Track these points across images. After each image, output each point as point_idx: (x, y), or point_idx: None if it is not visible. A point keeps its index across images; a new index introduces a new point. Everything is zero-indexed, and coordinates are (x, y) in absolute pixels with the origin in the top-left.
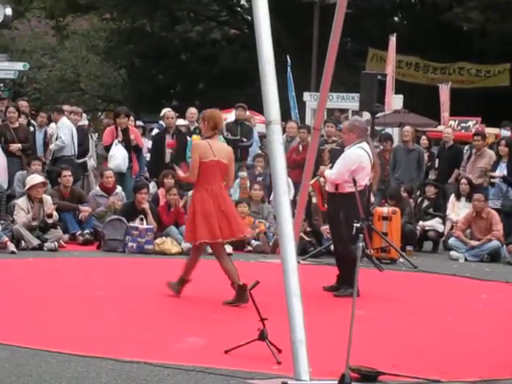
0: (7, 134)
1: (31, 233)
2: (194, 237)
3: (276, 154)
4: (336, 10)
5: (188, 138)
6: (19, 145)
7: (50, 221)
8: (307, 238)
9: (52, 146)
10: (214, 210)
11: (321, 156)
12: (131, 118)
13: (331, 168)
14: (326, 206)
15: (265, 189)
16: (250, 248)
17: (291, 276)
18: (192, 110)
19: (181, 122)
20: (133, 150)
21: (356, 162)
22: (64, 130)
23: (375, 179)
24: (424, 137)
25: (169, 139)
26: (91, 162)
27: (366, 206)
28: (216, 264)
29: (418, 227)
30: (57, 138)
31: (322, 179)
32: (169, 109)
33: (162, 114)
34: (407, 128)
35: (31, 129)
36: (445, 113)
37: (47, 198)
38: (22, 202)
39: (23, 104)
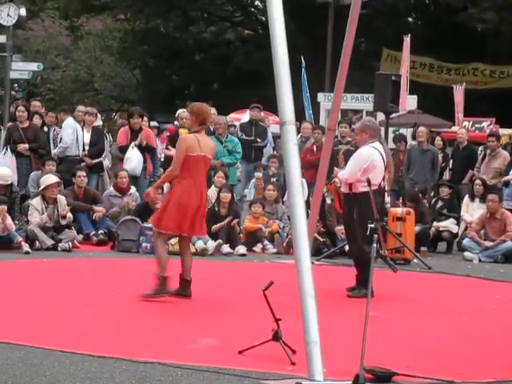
0: (15, 134)
1: (45, 233)
2: (161, 224)
3: (290, 155)
4: (350, 11)
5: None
6: (26, 145)
7: (63, 222)
8: (321, 239)
9: (55, 151)
10: (191, 203)
11: (335, 157)
12: (145, 118)
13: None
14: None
15: (279, 189)
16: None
17: (305, 276)
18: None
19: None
20: (146, 150)
21: (367, 160)
22: (67, 131)
23: (389, 179)
24: (438, 137)
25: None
26: (106, 162)
27: (381, 206)
28: (229, 265)
29: (433, 228)
30: (60, 140)
31: (337, 181)
32: (183, 109)
33: (176, 114)
34: (422, 129)
35: (45, 129)
36: (459, 113)
37: (61, 199)
38: (36, 203)
39: (36, 104)
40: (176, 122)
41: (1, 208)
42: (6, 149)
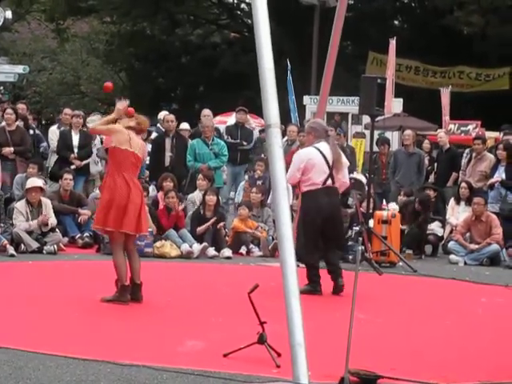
0: (1, 137)
1: (30, 236)
2: (98, 222)
3: (275, 158)
4: (336, 14)
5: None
6: (11, 148)
7: (45, 229)
8: None
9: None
10: (116, 198)
11: None
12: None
13: None
14: None
15: (264, 192)
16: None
17: (290, 277)
18: (206, 112)
19: (184, 126)
20: None
21: (304, 160)
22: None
23: (339, 178)
24: (427, 141)
25: (168, 143)
26: (98, 166)
27: (331, 207)
28: (214, 268)
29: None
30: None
31: None
32: (166, 112)
33: (159, 116)
34: (408, 132)
35: (30, 132)
36: (446, 116)
37: (47, 202)
38: (20, 206)
39: (20, 107)
40: (159, 125)
41: None
42: None
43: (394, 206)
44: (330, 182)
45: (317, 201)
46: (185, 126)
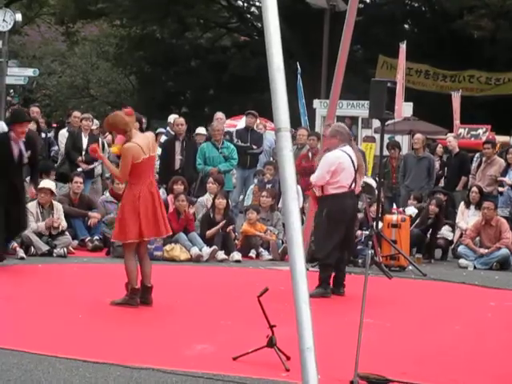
0: None
1: (40, 239)
2: (123, 236)
3: (285, 161)
4: (346, 17)
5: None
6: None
7: (55, 232)
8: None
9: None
10: (143, 207)
11: None
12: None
13: None
14: None
15: (275, 196)
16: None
17: (300, 283)
18: (219, 115)
19: (200, 130)
20: None
21: (335, 163)
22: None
23: (359, 182)
24: (440, 145)
25: (178, 146)
26: (98, 169)
27: (353, 210)
28: (224, 271)
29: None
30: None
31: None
32: (176, 116)
33: (169, 120)
34: (418, 136)
35: (42, 135)
36: (456, 120)
37: (58, 206)
38: (31, 206)
39: (34, 110)
40: (168, 128)
41: None
42: None
43: (412, 211)
44: (353, 185)
45: (343, 204)
46: (201, 130)
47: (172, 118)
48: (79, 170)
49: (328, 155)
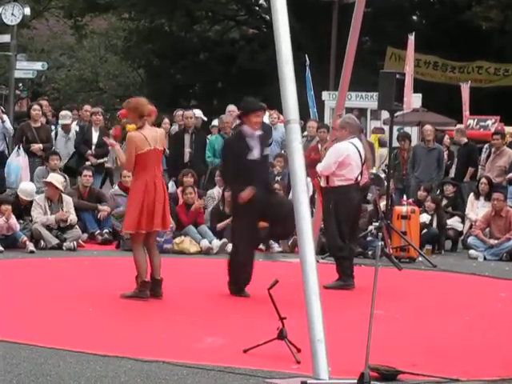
0: (28, 134)
1: (50, 232)
2: (132, 226)
3: (294, 153)
4: (355, 9)
5: (208, 137)
6: (40, 145)
7: (63, 224)
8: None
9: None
10: (146, 199)
11: None
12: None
13: None
14: None
15: (285, 188)
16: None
17: (310, 275)
18: (231, 108)
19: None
20: None
21: (343, 155)
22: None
23: (366, 175)
24: (447, 136)
25: (187, 139)
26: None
27: (358, 202)
28: None
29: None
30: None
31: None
32: (181, 111)
33: (174, 113)
34: (428, 127)
35: (52, 128)
36: (466, 111)
37: (68, 200)
38: (39, 199)
39: (43, 103)
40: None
41: (5, 208)
42: (19, 147)
43: (426, 217)
44: (359, 178)
45: (349, 195)
46: (198, 113)
47: (180, 112)
48: (87, 163)
49: (337, 146)
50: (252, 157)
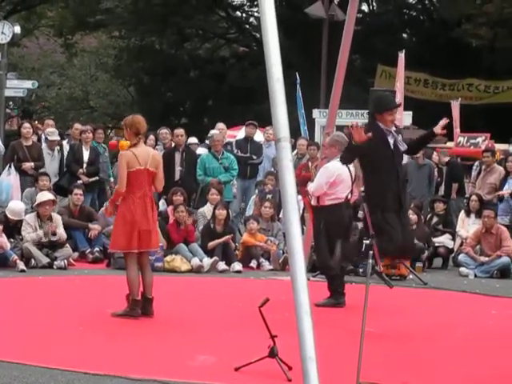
0: (20, 153)
1: (41, 251)
2: (113, 245)
3: (285, 171)
4: (345, 27)
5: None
6: (32, 164)
7: (53, 238)
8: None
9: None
10: (136, 219)
11: None
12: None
13: None
14: None
15: (275, 207)
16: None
17: (301, 293)
18: (220, 126)
19: (192, 140)
20: None
21: (334, 175)
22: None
23: (358, 192)
24: (435, 152)
25: (178, 157)
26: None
27: (349, 220)
28: (225, 282)
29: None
30: None
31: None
32: (165, 130)
33: (158, 131)
34: None
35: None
36: (456, 129)
37: (57, 218)
38: (29, 218)
39: (49, 123)
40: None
41: None
42: (10, 166)
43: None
44: (349, 196)
45: (340, 214)
46: (193, 140)
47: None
48: (79, 182)
49: (327, 166)
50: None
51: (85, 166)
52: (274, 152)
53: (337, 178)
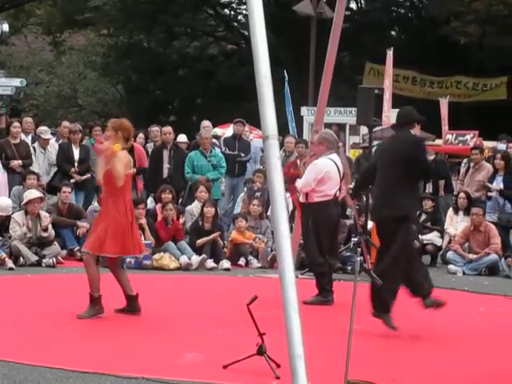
0: (8, 151)
1: (29, 249)
2: (104, 249)
3: (273, 169)
4: (333, 24)
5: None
6: (20, 161)
7: (45, 234)
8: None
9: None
10: (125, 222)
11: None
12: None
13: None
14: None
15: (264, 204)
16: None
17: (289, 290)
18: (205, 124)
19: (181, 138)
20: (138, 171)
21: (322, 171)
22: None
23: (346, 190)
24: None
25: (166, 155)
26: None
27: (337, 217)
28: (213, 279)
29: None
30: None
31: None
32: (157, 128)
33: (149, 129)
34: None
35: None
36: (445, 126)
37: (45, 214)
38: (17, 216)
39: (28, 120)
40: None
41: None
42: None
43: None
44: (337, 193)
45: (328, 211)
46: (182, 138)
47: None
48: (72, 181)
49: (315, 163)
50: None
51: (76, 164)
52: (252, 149)
53: (325, 175)
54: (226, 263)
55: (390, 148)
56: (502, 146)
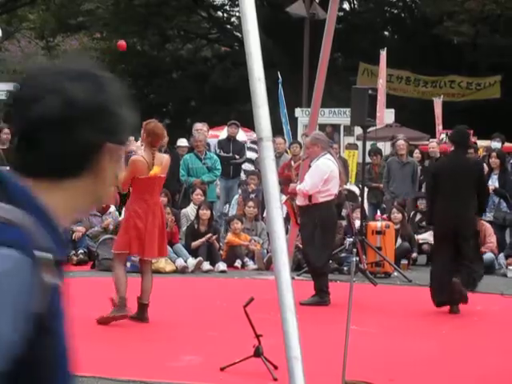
0: None
1: None
2: (126, 248)
3: (268, 171)
4: (326, 25)
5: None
6: (7, 168)
7: None
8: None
9: None
10: (142, 226)
11: None
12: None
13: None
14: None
15: (259, 206)
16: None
17: (285, 292)
18: (198, 126)
19: (182, 142)
20: None
21: (327, 172)
22: None
23: (341, 188)
24: (417, 150)
25: None
26: None
27: (337, 215)
28: (210, 282)
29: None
30: None
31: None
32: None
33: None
34: (402, 142)
35: None
36: (439, 126)
37: None
38: None
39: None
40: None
41: None
42: None
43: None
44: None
45: (333, 211)
46: (182, 142)
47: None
48: None
49: (319, 164)
50: None
51: None
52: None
53: (330, 175)
54: (222, 265)
55: (461, 169)
56: (496, 144)
